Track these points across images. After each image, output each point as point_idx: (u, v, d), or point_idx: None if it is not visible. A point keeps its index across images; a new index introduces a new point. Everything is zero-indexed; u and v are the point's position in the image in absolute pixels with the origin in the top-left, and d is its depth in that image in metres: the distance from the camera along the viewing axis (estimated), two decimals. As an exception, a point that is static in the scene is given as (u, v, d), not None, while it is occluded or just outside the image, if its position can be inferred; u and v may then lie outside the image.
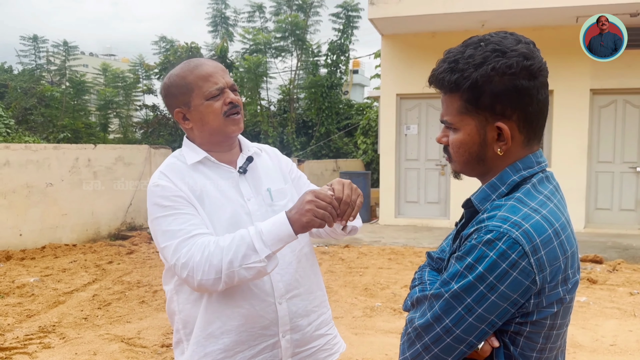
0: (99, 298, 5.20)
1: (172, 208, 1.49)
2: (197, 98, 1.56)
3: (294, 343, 1.61)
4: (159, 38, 16.90)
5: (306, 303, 1.64)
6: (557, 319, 1.03)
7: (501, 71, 1.01)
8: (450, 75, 1.05)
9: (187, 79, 1.57)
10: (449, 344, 1.01)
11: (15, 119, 15.62)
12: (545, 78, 1.06)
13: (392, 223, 9.46)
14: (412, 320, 1.07)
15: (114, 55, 46.48)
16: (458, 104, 1.07)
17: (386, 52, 9.54)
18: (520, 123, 1.05)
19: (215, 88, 1.55)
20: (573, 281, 1.04)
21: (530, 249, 0.96)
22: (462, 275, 1.00)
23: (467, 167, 1.13)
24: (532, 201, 1.03)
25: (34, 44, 17.72)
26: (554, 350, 1.08)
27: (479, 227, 1.02)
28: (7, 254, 6.88)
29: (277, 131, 15.64)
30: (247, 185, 1.63)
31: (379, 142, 10.00)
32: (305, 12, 16.21)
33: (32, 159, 7.48)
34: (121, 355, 3.85)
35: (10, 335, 4.17)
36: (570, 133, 8.64)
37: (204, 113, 1.56)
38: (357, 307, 4.90)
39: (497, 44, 1.03)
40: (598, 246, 7.41)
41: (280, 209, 1.62)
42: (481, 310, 0.98)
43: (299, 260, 1.65)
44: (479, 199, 1.10)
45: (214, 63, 1.61)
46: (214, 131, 1.58)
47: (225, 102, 1.56)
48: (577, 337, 4.16)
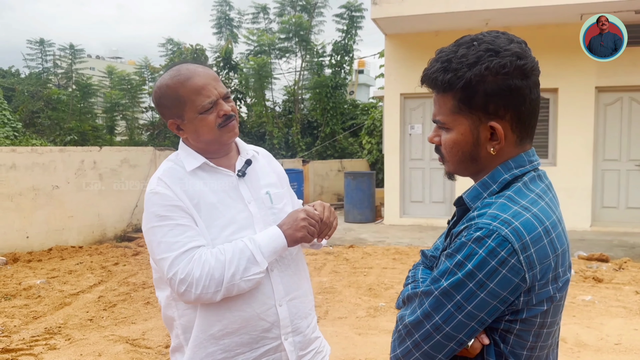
0: (104, 299, 5.23)
1: (168, 218, 1.48)
2: (190, 112, 1.53)
3: (297, 345, 1.61)
4: (166, 40, 17.00)
5: (304, 305, 1.65)
6: (548, 317, 1.03)
7: (495, 71, 1.01)
8: (443, 74, 1.05)
9: (179, 92, 1.53)
10: (438, 341, 1.01)
11: (23, 122, 15.75)
12: (537, 77, 1.06)
13: (397, 223, 9.45)
14: (403, 317, 1.08)
15: (120, 58, 46.75)
16: (451, 104, 1.07)
17: (389, 51, 9.53)
18: (513, 122, 1.06)
19: (208, 102, 1.52)
20: (564, 279, 1.04)
21: (519, 247, 0.96)
22: (451, 273, 1.00)
23: (460, 167, 1.13)
24: (523, 199, 1.03)
25: (41, 48, 17.88)
26: (545, 348, 1.08)
27: (469, 225, 1.02)
28: (14, 256, 6.93)
29: (282, 132, 15.65)
30: (246, 188, 1.63)
31: (384, 142, 9.99)
32: (309, 12, 16.22)
33: (38, 162, 7.53)
34: (126, 356, 3.87)
35: (16, 337, 4.20)
36: (575, 131, 8.60)
37: (198, 126, 1.54)
38: (361, 307, 4.90)
39: (490, 44, 1.03)
40: (604, 245, 7.37)
41: (278, 212, 1.64)
42: (470, 307, 0.98)
43: (296, 264, 1.66)
44: (470, 197, 1.10)
45: (205, 72, 1.56)
46: (209, 142, 1.58)
47: (219, 114, 1.54)
48: (582, 336, 4.14)
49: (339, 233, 8.85)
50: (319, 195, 12.93)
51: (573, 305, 4.89)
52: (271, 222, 1.61)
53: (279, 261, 1.59)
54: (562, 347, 3.95)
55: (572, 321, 4.47)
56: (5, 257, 6.83)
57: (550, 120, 8.86)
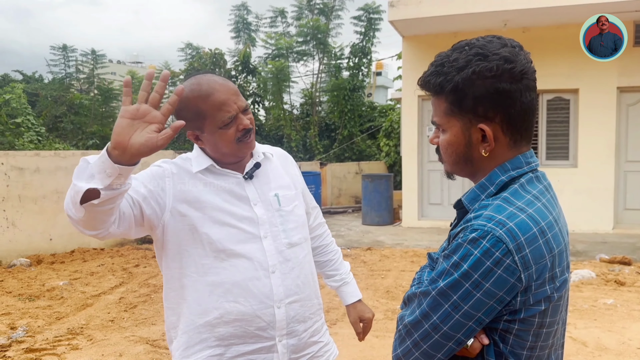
0: (125, 301, 5.32)
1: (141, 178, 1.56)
2: (210, 125, 1.56)
3: (290, 348, 1.63)
4: (185, 45, 17.19)
5: (304, 309, 1.67)
6: (547, 317, 1.04)
7: (482, 74, 1.04)
8: (435, 78, 1.10)
9: (199, 107, 1.54)
10: (437, 341, 1.03)
11: (46, 126, 16.08)
12: (530, 81, 1.07)
13: (415, 225, 9.41)
14: (403, 317, 1.10)
15: (141, 63, 47.37)
16: (444, 106, 1.11)
17: (407, 53, 9.51)
18: (503, 125, 1.08)
19: (228, 117, 1.55)
20: (561, 279, 1.05)
21: (514, 247, 0.98)
22: (448, 273, 1.02)
23: (457, 167, 1.16)
24: (519, 200, 1.05)
25: (64, 54, 18.23)
26: (546, 348, 1.08)
27: (465, 227, 1.04)
28: (37, 258, 7.09)
29: (300, 135, 15.71)
30: (253, 189, 1.66)
31: (401, 144, 9.97)
32: (326, 15, 16.26)
33: (61, 166, 7.69)
34: (146, 356, 3.94)
35: (40, 337, 4.30)
36: (597, 132, 8.47)
37: (218, 140, 1.58)
38: (379, 310, 4.90)
39: (481, 48, 1.06)
40: (627, 247, 7.25)
41: (287, 214, 1.67)
42: (467, 307, 1.00)
43: (301, 267, 1.68)
44: (468, 199, 1.13)
45: (226, 87, 1.57)
46: (226, 154, 1.62)
47: (239, 128, 1.57)
48: (603, 339, 4.08)
49: (357, 235, 8.85)
50: (336, 198, 12.94)
51: (594, 308, 4.82)
52: (278, 224, 1.64)
53: (282, 263, 1.61)
54: (582, 351, 3.90)
55: (594, 325, 4.41)
56: (30, 259, 6.99)
57: (571, 122, 8.75)
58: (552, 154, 8.85)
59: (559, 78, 8.46)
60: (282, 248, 1.63)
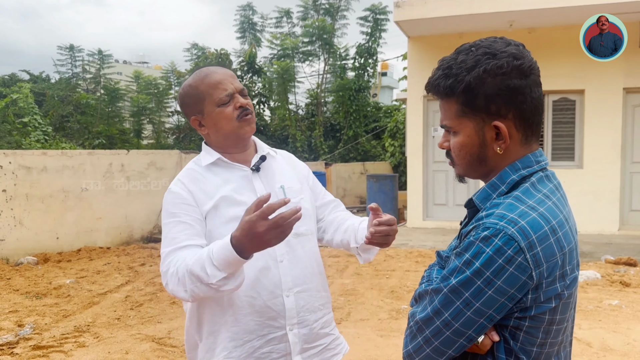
0: (131, 299, 5.35)
1: (175, 215, 1.60)
2: (209, 105, 1.65)
3: (302, 338, 1.65)
4: (191, 45, 17.25)
5: (313, 300, 1.69)
6: (557, 315, 1.05)
7: (493, 72, 1.06)
8: (444, 80, 1.10)
9: (199, 89, 1.65)
10: (448, 337, 1.04)
11: (53, 126, 16.17)
12: (537, 77, 1.10)
13: (420, 226, 9.41)
14: (414, 314, 1.11)
15: (147, 63, 47.52)
16: (455, 108, 1.12)
17: (413, 54, 9.51)
18: (516, 121, 1.09)
19: (225, 94, 1.63)
20: (571, 277, 1.06)
21: (526, 245, 0.99)
22: (460, 271, 1.03)
23: (470, 169, 1.17)
24: (530, 199, 1.06)
25: (70, 54, 18.32)
26: (555, 345, 1.10)
27: (477, 225, 1.05)
28: (44, 256, 7.14)
29: (305, 135, 15.73)
30: (260, 182, 1.70)
31: (407, 145, 9.97)
32: (332, 16, 16.29)
33: (68, 165, 7.74)
34: (152, 354, 3.96)
35: (47, 335, 4.34)
36: (603, 133, 8.45)
37: (217, 119, 1.65)
38: (383, 310, 4.91)
39: (488, 48, 1.08)
40: (633, 248, 7.22)
41: (292, 205, 1.67)
42: (479, 304, 1.01)
43: (309, 259, 1.70)
44: (480, 198, 1.14)
45: (222, 70, 1.69)
46: (228, 134, 1.67)
47: (236, 106, 1.65)
48: (608, 340, 4.08)
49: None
50: (341, 198, 12.94)
51: (599, 309, 4.82)
52: None
53: (290, 252, 1.64)
54: (587, 352, 3.90)
55: (598, 325, 4.41)
56: (37, 257, 7.05)
57: (577, 122, 8.73)
58: (558, 155, 8.83)
59: (564, 79, 8.44)
60: (289, 238, 1.62)
